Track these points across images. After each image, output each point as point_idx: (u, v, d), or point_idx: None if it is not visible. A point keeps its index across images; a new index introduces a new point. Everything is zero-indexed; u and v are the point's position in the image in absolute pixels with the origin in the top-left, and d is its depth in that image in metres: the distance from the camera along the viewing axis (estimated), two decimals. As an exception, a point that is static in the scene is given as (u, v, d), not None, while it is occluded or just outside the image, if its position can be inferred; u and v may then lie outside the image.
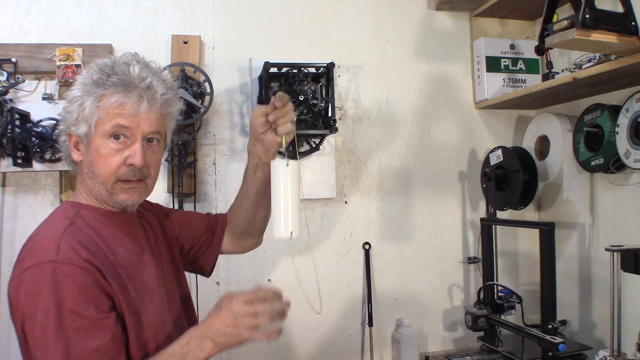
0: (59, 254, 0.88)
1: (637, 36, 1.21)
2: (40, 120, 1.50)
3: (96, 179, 0.99)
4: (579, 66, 1.47)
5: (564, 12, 1.52)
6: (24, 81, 1.52)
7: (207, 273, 1.30)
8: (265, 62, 1.59)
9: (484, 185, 1.77)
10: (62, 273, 0.86)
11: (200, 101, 1.60)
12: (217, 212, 1.69)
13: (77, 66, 1.56)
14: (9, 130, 1.42)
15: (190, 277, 1.64)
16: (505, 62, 1.88)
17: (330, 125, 1.61)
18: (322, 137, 1.73)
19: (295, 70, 1.61)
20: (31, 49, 1.55)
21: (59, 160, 1.52)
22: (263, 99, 1.63)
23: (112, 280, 0.92)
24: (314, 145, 1.74)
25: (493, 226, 1.75)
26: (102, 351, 0.86)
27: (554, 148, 1.76)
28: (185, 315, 1.13)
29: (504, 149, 1.75)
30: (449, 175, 1.92)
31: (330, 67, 1.62)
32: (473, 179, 1.92)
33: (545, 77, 1.65)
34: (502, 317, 1.66)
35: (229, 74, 1.73)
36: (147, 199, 1.08)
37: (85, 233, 0.95)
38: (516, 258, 1.97)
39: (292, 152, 1.70)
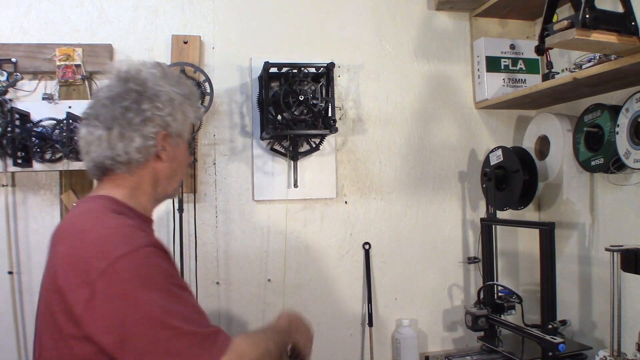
0: (135, 240, 0.86)
1: (637, 36, 1.21)
2: (40, 120, 1.50)
3: (172, 183, 1.06)
4: (579, 66, 1.47)
5: (564, 12, 1.52)
6: (22, 79, 1.52)
7: None
8: (265, 62, 1.59)
9: (484, 185, 1.77)
10: (153, 255, 0.86)
11: (200, 101, 1.60)
12: (216, 218, 1.70)
13: (77, 66, 1.56)
14: (9, 130, 1.42)
15: (190, 277, 1.65)
16: (505, 62, 1.88)
17: (330, 125, 1.61)
18: (322, 137, 1.73)
19: (295, 70, 1.61)
20: (31, 49, 1.55)
21: (59, 160, 1.52)
22: (263, 99, 1.63)
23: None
24: (314, 146, 1.74)
25: (493, 226, 1.75)
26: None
27: (554, 148, 1.76)
28: None
29: (504, 149, 1.75)
30: (449, 175, 1.92)
31: (330, 67, 1.62)
32: (473, 179, 1.93)
33: (545, 77, 1.65)
34: (502, 317, 1.66)
35: (229, 74, 1.73)
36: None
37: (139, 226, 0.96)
38: (516, 258, 1.97)
39: (292, 152, 1.71)
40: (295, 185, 1.73)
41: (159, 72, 1.01)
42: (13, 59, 1.52)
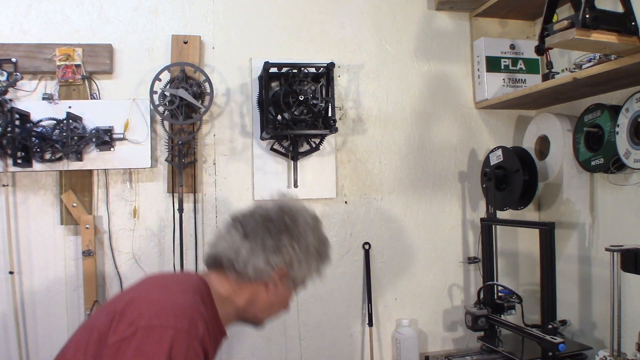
0: (194, 329, 0.89)
1: (637, 36, 1.21)
2: (40, 120, 1.50)
3: (264, 315, 1.11)
4: (579, 66, 1.47)
5: (564, 12, 1.52)
6: (22, 78, 1.52)
7: None
8: (265, 62, 1.59)
9: (484, 185, 1.77)
10: (193, 349, 0.87)
11: (200, 101, 1.60)
12: (217, 218, 1.70)
13: (77, 66, 1.56)
14: (9, 130, 1.42)
15: (190, 277, 1.65)
16: (505, 62, 1.88)
17: (330, 125, 1.61)
18: (322, 137, 1.73)
19: (295, 70, 1.61)
20: (31, 49, 1.55)
21: (59, 160, 1.52)
22: (263, 99, 1.63)
23: None
24: (314, 146, 1.74)
25: (493, 226, 1.75)
26: None
27: (554, 148, 1.76)
28: None
29: (504, 149, 1.75)
30: (449, 175, 1.92)
31: (330, 67, 1.62)
32: (473, 179, 1.92)
33: (545, 77, 1.65)
34: (502, 317, 1.66)
35: (229, 74, 1.73)
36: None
37: (210, 323, 0.97)
38: (516, 258, 1.97)
39: (292, 152, 1.71)
40: (296, 186, 1.73)
41: (312, 223, 1.10)
42: (13, 59, 1.52)
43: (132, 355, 0.83)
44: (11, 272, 1.55)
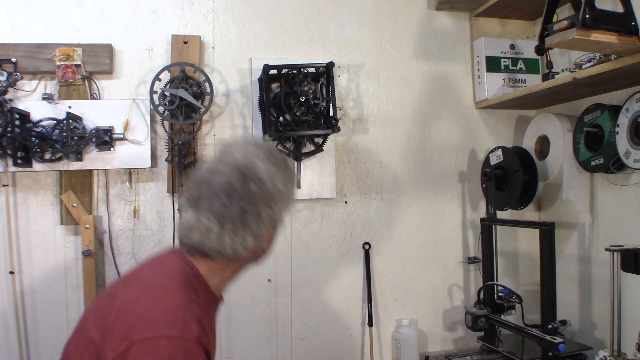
0: (187, 331, 0.87)
1: (637, 36, 1.21)
2: (40, 120, 1.50)
3: (260, 262, 1.07)
4: (579, 66, 1.47)
5: (564, 12, 1.52)
6: (22, 78, 1.52)
7: None
8: (264, 65, 1.59)
9: (484, 185, 1.77)
10: (191, 352, 0.86)
11: (200, 101, 1.60)
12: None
13: (77, 66, 1.56)
14: (9, 130, 1.42)
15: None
16: (505, 62, 1.88)
17: (332, 125, 1.61)
18: (325, 137, 1.72)
19: (295, 71, 1.61)
20: (31, 49, 1.55)
21: (59, 160, 1.52)
22: (264, 102, 1.63)
23: None
24: (317, 146, 1.73)
25: (493, 226, 1.75)
26: None
27: (554, 148, 1.76)
28: None
29: (504, 149, 1.75)
30: (449, 175, 1.92)
31: (330, 66, 1.62)
32: (473, 179, 1.92)
33: (545, 77, 1.65)
34: (502, 317, 1.66)
35: (229, 74, 1.73)
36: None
37: (203, 313, 0.95)
38: (516, 258, 1.97)
39: (296, 153, 1.71)
40: (299, 186, 1.73)
41: (273, 165, 1.01)
42: (13, 59, 1.52)
43: None
44: (11, 272, 1.55)
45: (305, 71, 1.62)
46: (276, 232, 1.06)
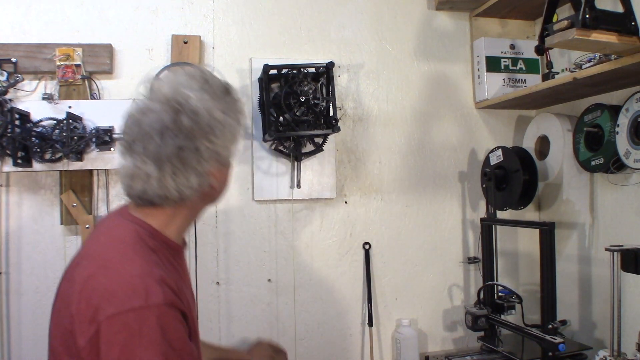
0: (152, 297, 0.82)
1: (637, 36, 1.21)
2: (40, 120, 1.49)
3: (214, 202, 1.02)
4: (579, 66, 1.47)
5: (564, 12, 1.52)
6: (23, 80, 1.52)
7: None
8: (264, 65, 1.59)
9: (484, 185, 1.77)
10: (163, 316, 0.82)
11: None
12: (216, 218, 1.70)
13: (77, 66, 1.56)
14: (9, 130, 1.42)
15: (190, 277, 1.64)
16: (505, 62, 1.88)
17: (332, 125, 1.61)
18: (325, 137, 1.72)
19: (294, 71, 1.61)
20: (31, 49, 1.55)
21: (59, 160, 1.52)
22: (264, 102, 1.63)
23: (188, 322, 0.91)
24: (317, 145, 1.73)
25: (493, 226, 1.75)
26: None
27: (554, 148, 1.76)
28: None
29: (504, 149, 1.75)
30: (449, 175, 1.92)
31: (329, 66, 1.62)
32: (473, 179, 1.92)
33: (545, 77, 1.65)
34: (502, 317, 1.66)
35: (229, 74, 1.73)
36: None
37: (167, 270, 0.91)
38: (516, 258, 1.97)
39: (296, 153, 1.71)
40: (299, 186, 1.73)
41: (208, 95, 0.93)
42: (13, 59, 1.52)
43: (106, 352, 0.79)
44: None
45: (305, 71, 1.62)
46: (226, 168, 1.00)
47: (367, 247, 1.83)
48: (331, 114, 1.63)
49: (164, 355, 0.80)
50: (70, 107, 1.52)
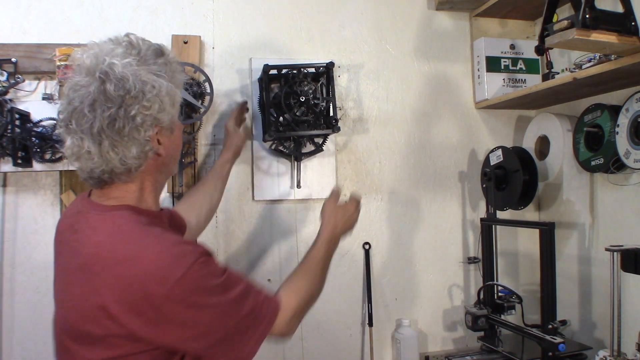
0: (188, 257, 0.87)
1: (637, 36, 1.21)
2: (40, 120, 1.49)
3: (173, 166, 1.02)
4: (579, 66, 1.47)
5: (564, 12, 1.52)
6: (23, 81, 1.52)
7: None
8: (264, 65, 1.59)
9: (484, 185, 1.77)
10: (206, 266, 0.89)
11: (200, 101, 1.60)
12: (216, 217, 1.70)
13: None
14: (9, 130, 1.42)
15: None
16: (505, 62, 1.88)
17: (332, 125, 1.61)
18: (325, 137, 1.72)
19: (295, 71, 1.61)
20: (31, 49, 1.55)
21: (59, 160, 1.52)
22: (264, 102, 1.63)
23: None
24: (317, 145, 1.73)
25: (493, 226, 1.75)
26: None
27: (554, 148, 1.76)
28: None
29: (504, 149, 1.75)
30: (449, 175, 1.92)
31: (330, 66, 1.62)
32: (473, 179, 1.92)
33: (545, 77, 1.65)
34: (502, 317, 1.66)
35: (229, 74, 1.73)
36: None
37: (168, 230, 0.97)
38: (516, 258, 1.97)
39: (296, 153, 1.71)
40: (299, 186, 1.73)
41: (133, 59, 0.89)
42: (13, 59, 1.52)
43: (177, 322, 0.86)
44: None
45: (306, 71, 1.62)
46: (172, 132, 0.97)
47: (367, 247, 1.83)
48: (331, 114, 1.63)
49: (225, 290, 0.90)
50: (70, 107, 1.52)
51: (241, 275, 0.97)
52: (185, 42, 1.66)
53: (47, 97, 1.53)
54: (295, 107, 1.60)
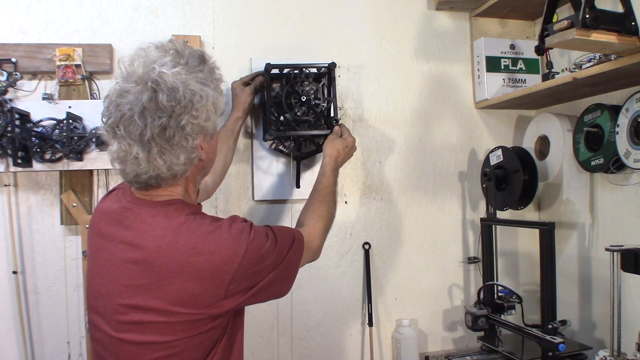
0: (243, 235, 0.99)
1: (637, 36, 1.21)
2: (40, 120, 1.49)
3: (207, 171, 1.09)
4: (579, 66, 1.47)
5: (564, 12, 1.52)
6: (21, 78, 1.52)
7: None
8: (266, 64, 1.59)
9: (484, 185, 1.77)
10: (260, 229, 1.06)
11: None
12: (216, 211, 1.70)
13: (77, 66, 1.56)
14: (9, 130, 1.42)
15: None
16: (505, 62, 1.88)
17: (332, 125, 1.61)
18: (325, 137, 1.72)
19: (296, 71, 1.61)
20: (31, 49, 1.55)
21: (59, 160, 1.52)
22: (264, 101, 1.63)
23: None
24: (318, 145, 1.73)
25: (493, 226, 1.75)
26: None
27: (554, 148, 1.76)
28: None
29: (504, 149, 1.75)
30: (449, 175, 1.92)
31: (331, 67, 1.62)
32: (473, 179, 1.93)
33: (545, 77, 1.65)
34: (502, 317, 1.66)
35: (230, 74, 1.72)
36: None
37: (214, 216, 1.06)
38: (516, 258, 1.97)
39: (296, 153, 1.71)
40: (298, 186, 1.73)
41: (182, 69, 0.92)
42: (13, 59, 1.52)
43: (261, 283, 1.00)
44: (14, 272, 1.55)
45: (307, 71, 1.62)
46: (213, 139, 1.03)
47: (367, 247, 1.83)
48: (332, 114, 1.63)
49: (274, 248, 1.03)
50: (70, 107, 1.52)
51: (274, 228, 1.09)
52: (186, 42, 1.66)
53: (47, 97, 1.53)
54: (296, 106, 1.60)
